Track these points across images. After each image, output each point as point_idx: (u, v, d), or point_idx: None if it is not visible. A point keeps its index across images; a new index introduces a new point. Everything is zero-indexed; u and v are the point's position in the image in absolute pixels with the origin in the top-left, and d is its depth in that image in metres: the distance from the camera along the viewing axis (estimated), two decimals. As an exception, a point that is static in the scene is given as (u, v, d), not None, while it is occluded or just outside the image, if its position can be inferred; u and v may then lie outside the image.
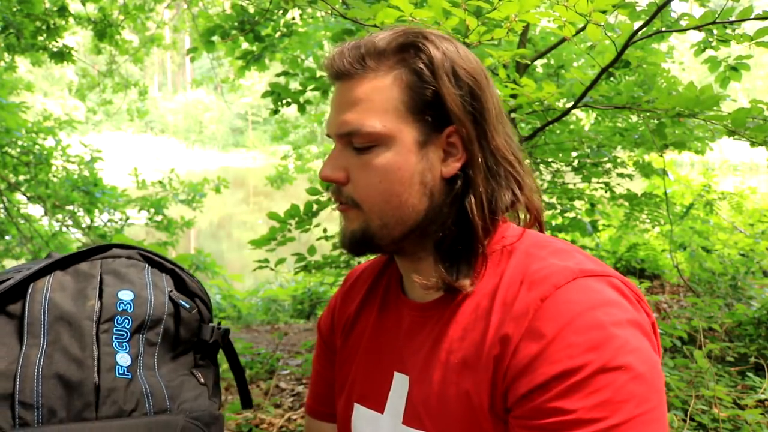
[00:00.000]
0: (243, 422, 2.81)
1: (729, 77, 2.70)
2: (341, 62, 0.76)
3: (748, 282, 3.99)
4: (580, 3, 1.36)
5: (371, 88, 0.75)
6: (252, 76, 10.83)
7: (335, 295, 1.00)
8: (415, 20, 1.43)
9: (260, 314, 6.32)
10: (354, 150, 0.76)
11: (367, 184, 0.75)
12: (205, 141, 38.56)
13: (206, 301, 0.77)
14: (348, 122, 0.75)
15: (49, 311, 0.68)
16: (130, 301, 0.70)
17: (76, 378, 0.64)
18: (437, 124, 0.75)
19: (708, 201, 5.72)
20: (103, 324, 0.68)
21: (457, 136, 0.75)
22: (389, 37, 0.76)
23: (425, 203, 0.75)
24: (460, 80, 0.74)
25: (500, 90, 2.07)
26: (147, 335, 0.69)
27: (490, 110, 0.76)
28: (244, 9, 3.85)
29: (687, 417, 2.34)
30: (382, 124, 0.74)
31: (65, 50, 5.02)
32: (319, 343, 1.00)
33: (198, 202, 6.39)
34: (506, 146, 0.77)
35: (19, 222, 5.19)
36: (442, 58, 0.74)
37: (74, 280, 0.72)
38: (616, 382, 0.63)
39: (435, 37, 0.77)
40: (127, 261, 0.75)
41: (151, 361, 0.69)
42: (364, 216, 0.77)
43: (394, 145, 0.74)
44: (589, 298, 0.68)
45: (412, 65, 0.74)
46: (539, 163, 3.71)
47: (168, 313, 0.71)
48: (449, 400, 0.74)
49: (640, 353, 0.66)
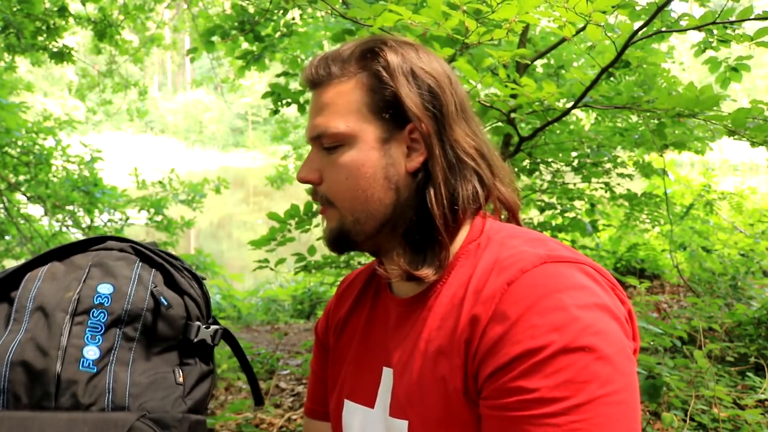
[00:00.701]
0: (243, 422, 2.81)
1: (729, 78, 2.70)
2: (311, 72, 0.83)
3: (748, 282, 3.99)
4: (580, 4, 1.36)
5: (336, 93, 0.81)
6: (252, 76, 10.84)
7: (331, 300, 1.04)
8: (414, 24, 1.43)
9: (260, 314, 6.32)
10: (324, 151, 0.82)
11: (336, 181, 0.81)
12: (205, 141, 38.56)
13: (196, 299, 0.76)
14: (317, 126, 0.81)
15: (34, 299, 0.70)
16: (108, 295, 0.70)
17: (39, 366, 0.65)
18: (398, 122, 0.80)
19: (708, 201, 5.72)
20: (77, 316, 0.69)
21: (418, 133, 0.79)
22: (353, 46, 0.83)
23: (391, 197, 0.80)
24: (419, 80, 0.80)
25: (500, 90, 2.07)
26: (124, 330, 0.70)
27: (450, 108, 0.80)
28: (244, 9, 3.85)
29: (687, 417, 2.34)
30: (346, 125, 0.79)
31: (65, 50, 5.02)
32: (316, 345, 1.03)
33: (198, 202, 6.39)
34: (468, 142, 0.81)
35: (19, 222, 5.19)
36: (399, 61, 0.80)
37: (66, 271, 0.74)
38: (579, 363, 0.64)
39: (395, 43, 0.82)
40: (118, 254, 0.76)
41: (127, 356, 0.69)
42: (338, 213, 0.82)
43: (357, 144, 0.79)
44: (555, 281, 0.70)
45: (371, 69, 0.80)
46: (539, 163, 3.71)
47: (148, 309, 0.71)
48: (427, 388, 0.76)
49: (606, 335, 0.67)
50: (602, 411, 0.64)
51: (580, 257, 0.75)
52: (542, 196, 3.96)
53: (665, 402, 2.45)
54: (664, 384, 2.39)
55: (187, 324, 0.74)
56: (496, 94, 2.20)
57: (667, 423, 2.22)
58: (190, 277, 0.78)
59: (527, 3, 1.34)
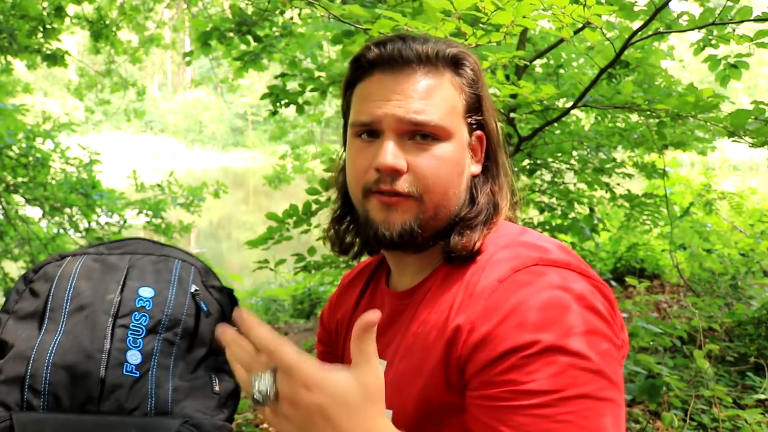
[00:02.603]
0: (243, 422, 2.81)
1: (729, 75, 2.70)
2: (402, 52, 0.79)
3: (748, 282, 3.98)
4: (577, 10, 1.37)
5: (435, 85, 0.80)
6: (251, 76, 10.86)
7: (333, 294, 1.06)
8: (410, 29, 1.44)
9: (260, 314, 6.32)
10: (414, 141, 0.79)
11: (432, 174, 0.79)
12: (205, 141, 38.54)
13: (228, 306, 0.77)
14: (419, 111, 0.78)
15: (72, 299, 0.69)
16: (149, 299, 0.70)
17: (83, 370, 0.65)
18: (473, 127, 0.84)
19: (708, 201, 5.71)
20: (120, 318, 0.68)
21: (479, 141, 0.84)
22: (440, 44, 0.83)
23: (464, 196, 0.83)
24: (486, 91, 0.86)
25: (500, 89, 2.07)
26: (165, 335, 0.69)
27: (495, 121, 0.87)
28: (242, 10, 3.84)
29: (687, 417, 2.33)
30: (450, 121, 0.81)
31: (59, 53, 5.00)
32: (320, 330, 1.06)
33: (197, 206, 6.37)
34: (504, 152, 0.87)
35: (17, 224, 5.18)
36: (481, 73, 0.85)
37: (102, 270, 0.72)
38: (567, 360, 0.66)
39: (470, 53, 0.86)
40: (156, 258, 0.75)
41: (167, 361, 0.69)
42: (420, 207, 0.80)
43: (452, 141, 0.81)
44: (544, 281, 0.71)
45: (462, 73, 0.83)
46: (539, 163, 3.71)
47: (188, 314, 0.71)
48: (409, 378, 0.78)
49: (592, 335, 0.69)
50: (591, 405, 0.66)
51: (573, 261, 0.76)
52: (542, 197, 3.95)
53: (665, 402, 2.45)
54: (664, 384, 2.39)
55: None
56: (495, 94, 2.20)
57: (667, 423, 2.22)
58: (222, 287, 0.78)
59: (522, 9, 1.34)
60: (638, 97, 2.18)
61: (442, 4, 1.39)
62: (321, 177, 3.02)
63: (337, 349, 1.02)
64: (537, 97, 2.03)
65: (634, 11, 2.50)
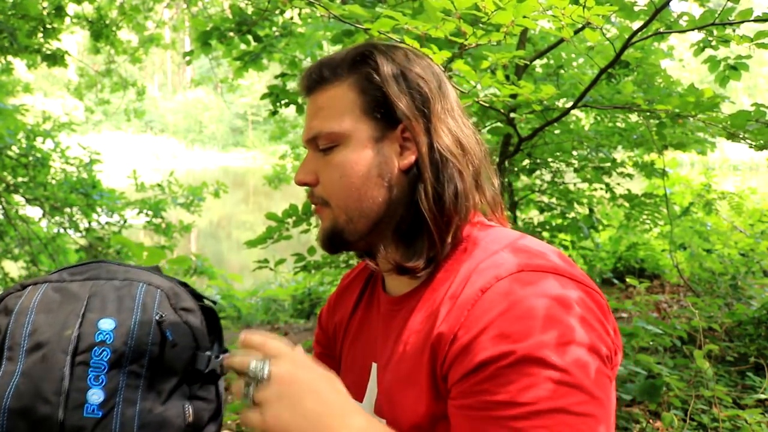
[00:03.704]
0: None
1: (728, 76, 2.70)
2: (306, 79, 0.86)
3: (748, 282, 3.98)
4: (577, 11, 1.36)
5: (329, 96, 0.83)
6: (251, 76, 10.86)
7: (333, 293, 1.07)
8: (410, 29, 1.44)
9: (260, 314, 6.32)
10: (320, 153, 0.84)
11: (331, 181, 0.82)
12: (205, 141, 38.55)
13: (200, 328, 0.72)
14: (312, 128, 0.84)
15: (29, 337, 0.65)
16: (110, 331, 0.66)
17: (40, 414, 0.62)
18: (390, 122, 0.82)
19: (708, 201, 5.71)
20: (79, 355, 0.64)
21: (409, 132, 0.82)
22: (345, 52, 0.86)
23: (384, 195, 0.81)
24: (409, 82, 0.82)
25: (500, 89, 2.06)
26: (130, 367, 0.65)
27: (437, 108, 0.83)
28: (242, 10, 3.84)
29: (687, 417, 2.33)
30: (339, 125, 0.82)
31: (59, 53, 5.00)
32: (318, 330, 1.07)
33: (197, 206, 6.37)
34: (454, 142, 0.83)
35: (17, 224, 5.18)
36: (389, 63, 0.83)
37: (60, 301, 0.68)
38: (543, 373, 0.65)
39: (385, 48, 0.86)
40: (119, 283, 0.71)
41: (134, 396, 0.65)
42: (333, 213, 0.83)
43: (350, 143, 0.82)
44: (527, 290, 0.70)
45: (362, 72, 0.83)
46: (539, 163, 3.71)
47: (153, 343, 0.67)
48: (401, 386, 0.79)
49: (571, 348, 0.67)
50: (566, 420, 0.65)
51: (561, 266, 0.74)
52: (542, 196, 3.96)
53: (665, 402, 2.45)
54: (664, 384, 2.39)
55: (196, 354, 0.70)
56: (495, 95, 2.20)
57: (667, 423, 2.22)
58: (196, 308, 0.74)
59: (523, 9, 1.34)
60: (638, 97, 2.18)
61: (442, 4, 1.39)
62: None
63: (334, 351, 1.02)
64: (537, 97, 2.03)
65: (634, 11, 2.50)
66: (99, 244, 5.35)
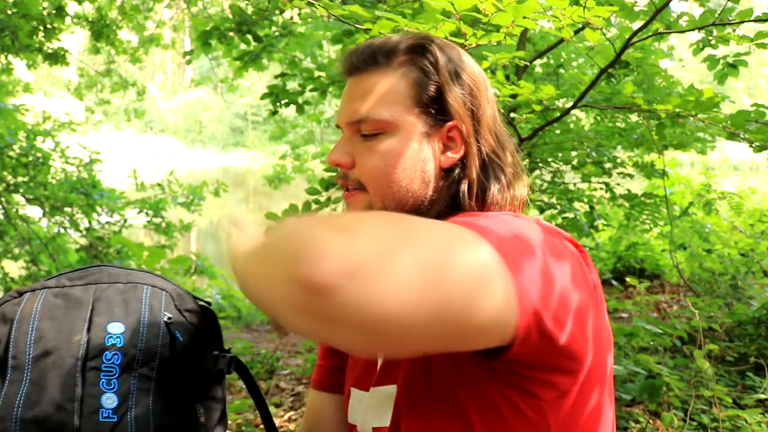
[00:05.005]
0: (243, 422, 2.81)
1: (727, 74, 2.70)
2: (354, 59, 0.84)
3: (748, 282, 3.98)
4: (577, 11, 1.36)
5: (380, 81, 0.82)
6: (251, 76, 10.85)
7: None
8: (410, 30, 1.44)
9: (260, 314, 6.30)
10: (361, 137, 0.83)
11: (373, 168, 0.82)
12: (205, 141, 38.56)
13: (207, 329, 0.72)
14: (356, 110, 0.82)
15: (35, 344, 0.64)
16: (119, 335, 0.65)
17: (55, 422, 0.60)
18: (439, 119, 0.82)
19: (708, 201, 5.71)
20: (90, 361, 0.63)
21: (457, 131, 0.82)
22: (400, 39, 0.85)
23: (422, 190, 0.82)
24: (462, 81, 0.83)
25: (500, 89, 2.07)
26: (141, 371, 0.64)
27: (486, 111, 0.84)
28: (242, 10, 3.84)
29: (687, 417, 2.33)
30: (390, 113, 0.81)
31: (60, 52, 5.00)
32: None
33: (197, 205, 6.36)
34: (498, 145, 0.85)
35: (17, 223, 5.18)
36: (446, 60, 0.83)
37: (65, 307, 0.67)
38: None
39: (441, 42, 0.85)
40: (123, 287, 0.70)
41: (146, 399, 0.64)
42: (369, 199, 0.83)
43: (398, 134, 0.81)
44: (506, 217, 0.74)
45: (418, 63, 0.82)
46: (539, 163, 3.71)
47: (163, 344, 0.66)
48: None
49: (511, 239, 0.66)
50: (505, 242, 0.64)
51: (540, 220, 0.78)
52: (542, 196, 3.96)
53: (665, 402, 2.45)
54: (664, 384, 2.39)
55: (204, 354, 0.70)
56: (495, 95, 2.19)
57: (667, 423, 2.22)
58: (198, 309, 0.73)
59: (523, 9, 1.34)
60: (638, 97, 2.18)
61: (442, 5, 1.39)
62: (321, 177, 3.01)
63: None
64: (537, 97, 2.03)
65: (634, 12, 2.50)
66: (99, 244, 5.35)
